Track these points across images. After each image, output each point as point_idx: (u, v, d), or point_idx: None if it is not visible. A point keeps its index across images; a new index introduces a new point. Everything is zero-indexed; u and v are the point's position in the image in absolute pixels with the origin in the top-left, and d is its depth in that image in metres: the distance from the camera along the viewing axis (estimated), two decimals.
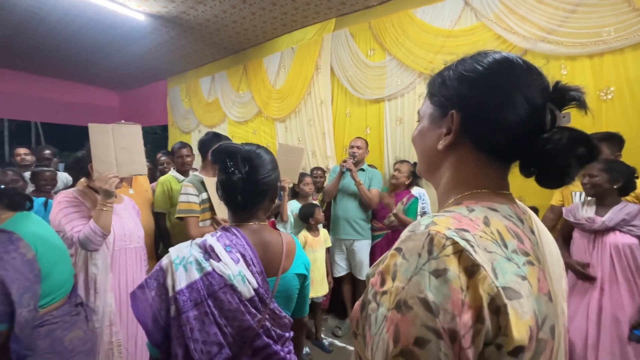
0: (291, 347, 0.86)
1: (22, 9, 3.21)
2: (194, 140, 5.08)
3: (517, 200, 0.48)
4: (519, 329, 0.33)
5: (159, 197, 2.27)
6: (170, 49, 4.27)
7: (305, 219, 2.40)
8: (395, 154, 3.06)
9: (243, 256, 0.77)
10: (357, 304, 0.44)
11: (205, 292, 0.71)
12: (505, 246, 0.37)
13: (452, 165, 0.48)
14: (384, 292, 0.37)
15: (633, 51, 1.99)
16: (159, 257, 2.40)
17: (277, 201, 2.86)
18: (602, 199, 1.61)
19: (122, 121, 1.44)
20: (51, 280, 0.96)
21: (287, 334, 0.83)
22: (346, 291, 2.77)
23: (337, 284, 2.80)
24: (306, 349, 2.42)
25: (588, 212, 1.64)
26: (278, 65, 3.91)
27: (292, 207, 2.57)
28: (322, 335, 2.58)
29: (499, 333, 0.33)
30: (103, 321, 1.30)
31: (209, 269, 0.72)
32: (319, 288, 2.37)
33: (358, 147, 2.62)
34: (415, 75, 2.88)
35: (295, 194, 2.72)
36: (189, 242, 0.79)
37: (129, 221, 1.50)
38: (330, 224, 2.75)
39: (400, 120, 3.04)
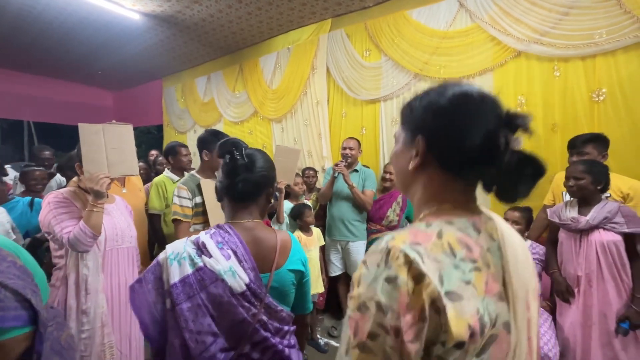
0: (293, 341, 0.88)
1: (15, 7, 3.17)
2: (189, 140, 5.06)
3: (483, 211, 0.53)
4: (458, 327, 0.38)
5: (154, 198, 2.24)
6: (165, 49, 4.24)
7: (295, 219, 2.41)
8: (391, 154, 3.07)
9: (235, 252, 0.80)
10: None
11: (197, 285, 0.76)
12: (454, 255, 0.43)
13: (422, 184, 0.54)
14: (351, 297, 0.44)
15: (624, 53, 2.02)
16: (154, 258, 2.38)
17: (272, 201, 2.86)
18: (585, 199, 1.65)
19: (114, 121, 1.43)
20: (38, 282, 0.94)
21: (286, 327, 0.85)
22: (342, 291, 2.77)
23: (332, 283, 2.79)
24: (323, 340, 2.41)
25: (572, 212, 1.68)
26: (274, 65, 3.91)
27: (286, 207, 2.57)
28: (318, 336, 2.58)
29: (441, 330, 0.39)
30: (95, 323, 1.28)
31: (201, 264, 0.77)
32: (313, 286, 2.37)
33: (350, 149, 2.62)
34: (411, 76, 2.89)
35: (286, 194, 2.72)
36: (184, 238, 0.83)
37: (121, 221, 1.48)
38: (326, 224, 2.75)
39: (395, 121, 3.05)
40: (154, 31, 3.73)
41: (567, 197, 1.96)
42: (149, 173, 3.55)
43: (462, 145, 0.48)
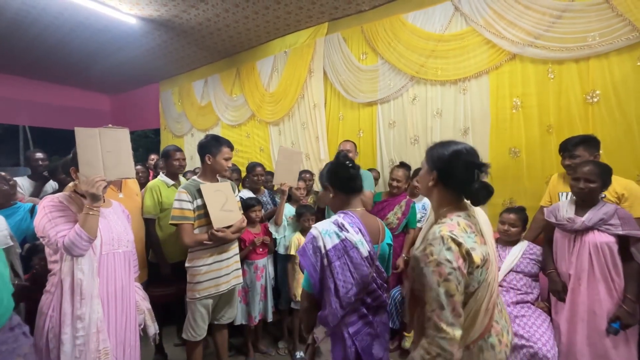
0: (385, 294, 1.26)
1: (11, 11, 3.16)
2: (186, 144, 5.05)
3: (467, 205, 1.06)
4: (476, 259, 0.91)
5: (149, 202, 2.23)
6: (162, 53, 4.25)
7: (298, 219, 2.42)
8: (388, 156, 3.08)
9: (360, 230, 1.20)
10: (409, 272, 1.03)
11: (342, 250, 1.16)
12: (466, 232, 0.96)
13: (436, 194, 1.07)
14: (430, 261, 0.90)
15: (617, 55, 2.04)
16: (149, 263, 2.36)
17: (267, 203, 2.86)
18: (588, 201, 1.65)
19: (110, 125, 1.42)
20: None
21: (385, 285, 1.24)
22: None
23: None
24: (300, 354, 2.40)
25: (569, 213, 1.69)
26: (271, 68, 3.92)
27: (286, 210, 2.56)
28: None
29: (471, 262, 0.91)
30: (90, 328, 1.26)
31: (343, 237, 1.17)
32: None
33: (347, 151, 2.61)
34: (407, 78, 2.91)
35: (288, 197, 2.71)
36: (327, 220, 1.22)
37: (117, 225, 1.47)
38: None
39: (392, 123, 3.06)
40: (151, 35, 3.73)
41: (564, 198, 1.98)
42: (147, 177, 3.53)
43: (457, 176, 1.00)
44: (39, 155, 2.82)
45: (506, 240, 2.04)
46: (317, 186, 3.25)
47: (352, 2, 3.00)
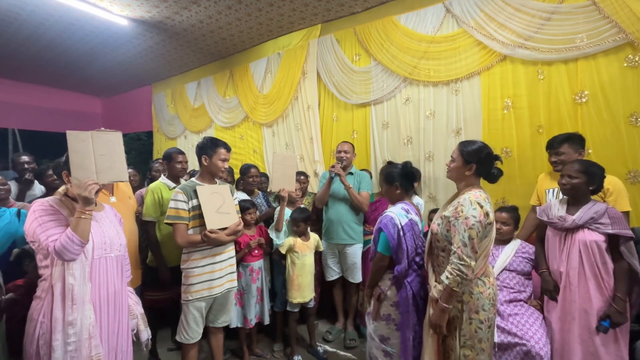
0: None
1: (0, 13, 3.12)
2: (179, 146, 5.00)
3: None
4: (491, 218, 1.42)
5: (149, 205, 2.20)
6: (154, 55, 4.22)
7: (294, 223, 2.40)
8: (382, 157, 3.09)
9: (416, 213, 1.76)
10: (434, 225, 1.58)
11: (410, 226, 1.67)
12: (486, 201, 1.43)
13: (468, 179, 1.51)
14: (460, 216, 1.40)
15: (605, 56, 2.09)
16: (146, 266, 2.33)
17: (265, 208, 2.85)
18: (576, 198, 1.68)
19: (102, 128, 1.41)
20: None
21: (423, 249, 1.74)
22: (337, 295, 2.76)
23: (327, 288, 2.78)
24: (298, 357, 2.39)
25: (560, 211, 1.71)
26: (264, 70, 3.92)
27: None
28: (317, 343, 2.55)
29: (488, 219, 1.41)
30: (81, 334, 1.24)
31: (410, 217, 1.69)
32: (307, 293, 2.35)
33: (345, 152, 2.63)
34: (400, 79, 2.93)
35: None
36: (397, 206, 1.72)
37: (110, 229, 1.45)
38: (322, 228, 2.74)
39: (386, 124, 3.08)
40: (143, 37, 3.70)
41: (550, 194, 2.01)
42: (142, 180, 3.50)
43: (484, 165, 1.49)
44: (25, 158, 2.76)
45: (499, 239, 2.06)
46: (311, 187, 3.25)
47: (344, 4, 3.02)
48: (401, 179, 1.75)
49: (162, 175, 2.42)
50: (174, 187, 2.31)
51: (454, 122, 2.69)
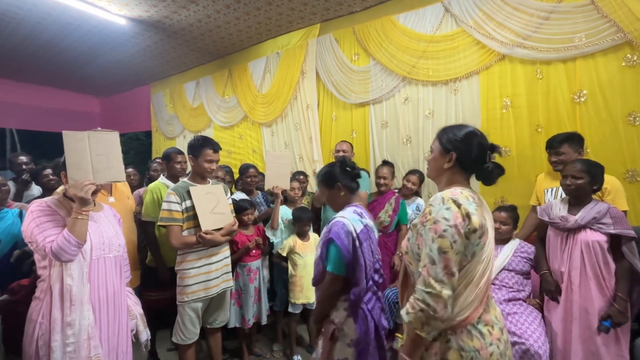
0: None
1: None
2: (178, 146, 5.00)
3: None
4: (474, 222, 0.92)
5: (149, 205, 2.20)
6: (153, 54, 4.20)
7: (296, 222, 2.40)
8: (381, 157, 3.09)
9: (370, 217, 1.44)
10: (404, 240, 1.07)
11: (366, 234, 1.34)
12: (468, 200, 0.96)
13: (449, 175, 1.07)
14: (428, 220, 0.95)
15: (603, 56, 2.09)
16: (145, 267, 2.32)
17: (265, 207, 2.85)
18: (578, 198, 1.67)
19: (99, 128, 1.40)
20: None
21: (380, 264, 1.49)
22: None
23: None
24: (298, 357, 2.39)
25: (562, 211, 1.70)
26: (263, 69, 3.91)
27: (282, 212, 2.56)
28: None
29: (470, 224, 0.92)
30: (80, 335, 1.24)
31: (365, 222, 1.36)
32: (310, 294, 2.34)
33: (344, 151, 2.63)
34: (399, 79, 2.93)
35: (284, 199, 2.71)
36: (347, 210, 1.38)
37: (108, 229, 1.45)
38: (320, 228, 2.73)
39: (385, 124, 3.08)
40: (141, 36, 3.69)
41: (549, 194, 2.02)
42: (140, 179, 3.49)
43: (472, 157, 1.03)
44: (23, 158, 2.75)
45: (498, 238, 2.06)
46: (311, 187, 3.25)
47: (343, 3, 3.01)
48: (344, 177, 1.45)
49: (161, 175, 2.42)
50: None
51: (453, 122, 2.69)
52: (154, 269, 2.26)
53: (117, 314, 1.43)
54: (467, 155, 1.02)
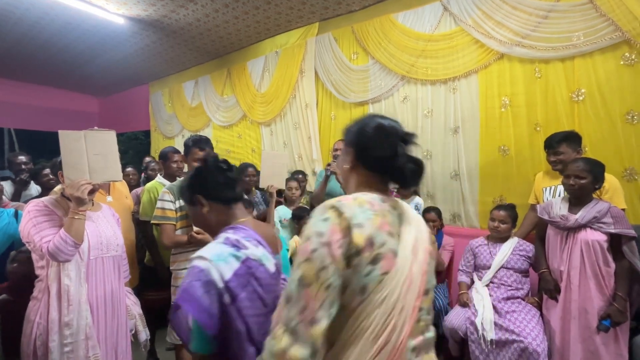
0: None
1: None
2: (177, 145, 4.99)
3: (393, 196, 0.80)
4: (357, 240, 0.63)
5: (146, 204, 2.20)
6: (151, 53, 4.19)
7: (297, 222, 2.41)
8: None
9: (259, 242, 0.94)
10: None
11: (247, 275, 0.85)
12: (361, 207, 0.68)
13: (355, 177, 0.81)
14: (302, 236, 0.68)
15: (601, 54, 2.09)
16: (144, 266, 2.32)
17: (258, 207, 2.84)
18: (580, 198, 1.66)
19: (96, 128, 1.40)
20: None
21: None
22: None
23: None
24: None
25: (562, 210, 1.70)
26: (262, 69, 3.90)
27: (281, 212, 2.56)
28: None
29: (351, 242, 0.63)
30: (78, 335, 1.24)
31: (244, 256, 0.86)
32: None
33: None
34: (398, 78, 2.92)
35: (285, 199, 2.71)
36: (213, 243, 0.89)
37: (106, 229, 1.44)
38: None
39: None
40: (140, 36, 3.68)
41: (547, 193, 2.02)
42: (138, 179, 3.49)
43: (375, 154, 0.76)
44: (22, 158, 2.75)
45: (497, 237, 2.07)
46: (310, 186, 3.25)
47: (342, 2, 3.01)
48: (205, 185, 0.98)
49: (158, 174, 2.42)
50: None
51: (452, 121, 2.69)
52: (153, 269, 2.26)
53: (116, 313, 1.43)
54: (366, 150, 0.77)
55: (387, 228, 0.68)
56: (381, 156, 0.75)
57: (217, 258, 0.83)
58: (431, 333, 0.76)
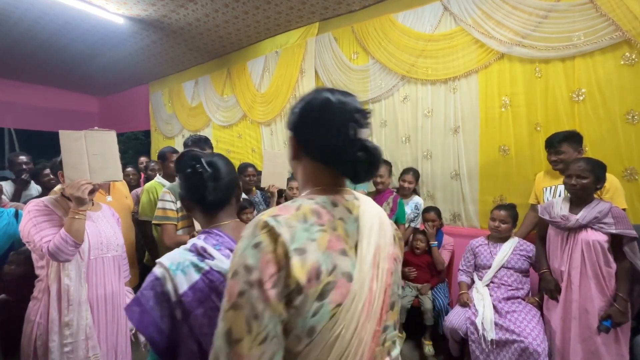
0: None
1: None
2: (177, 145, 4.99)
3: (349, 192, 0.65)
4: (299, 272, 0.49)
5: (145, 204, 2.20)
6: (151, 53, 4.19)
7: None
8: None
9: (232, 251, 0.80)
10: None
11: (207, 289, 0.73)
12: (306, 222, 0.54)
13: (301, 171, 0.67)
14: (229, 269, 0.52)
15: (601, 54, 2.09)
16: (144, 266, 2.32)
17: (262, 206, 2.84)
18: (582, 198, 1.66)
19: (96, 128, 1.40)
20: None
21: None
22: None
23: None
24: None
25: (563, 210, 1.70)
26: (262, 68, 3.90)
27: None
28: None
29: (288, 276, 0.49)
30: (78, 335, 1.24)
31: (207, 268, 0.75)
32: None
33: None
34: (398, 78, 2.92)
35: (285, 198, 2.71)
36: (178, 249, 0.80)
37: (106, 229, 1.44)
38: None
39: (384, 123, 3.08)
40: (140, 35, 3.67)
41: (547, 193, 2.02)
42: (138, 179, 3.49)
43: (319, 141, 0.61)
44: (23, 158, 2.75)
45: (497, 236, 2.07)
46: None
47: (342, 2, 3.01)
48: (186, 192, 0.90)
49: (157, 174, 2.42)
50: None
51: (452, 121, 2.69)
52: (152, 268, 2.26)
53: (116, 313, 1.43)
54: (308, 135, 0.63)
55: (339, 246, 0.55)
56: (326, 144, 0.60)
57: (176, 267, 0.74)
58: (397, 350, 0.66)
